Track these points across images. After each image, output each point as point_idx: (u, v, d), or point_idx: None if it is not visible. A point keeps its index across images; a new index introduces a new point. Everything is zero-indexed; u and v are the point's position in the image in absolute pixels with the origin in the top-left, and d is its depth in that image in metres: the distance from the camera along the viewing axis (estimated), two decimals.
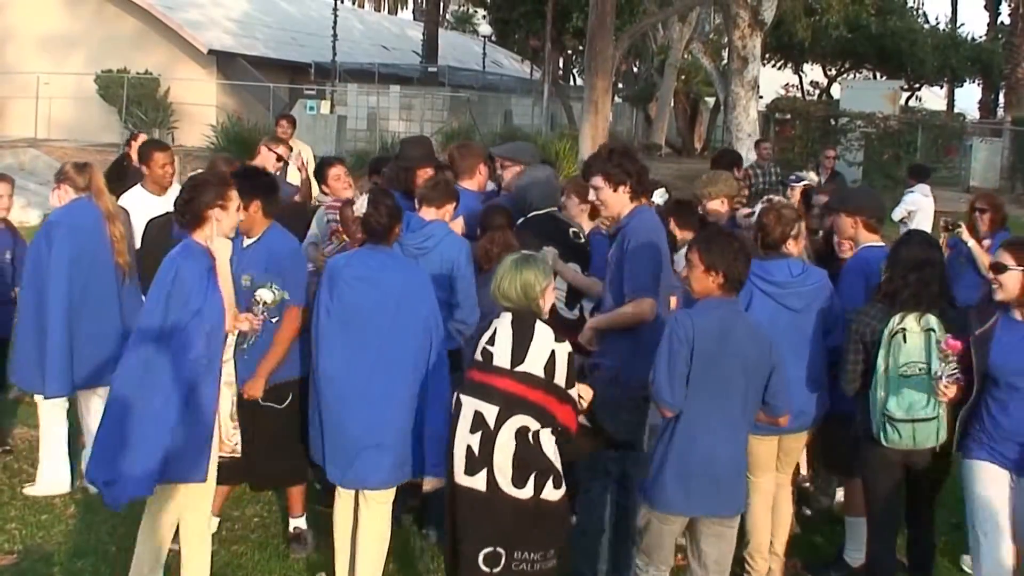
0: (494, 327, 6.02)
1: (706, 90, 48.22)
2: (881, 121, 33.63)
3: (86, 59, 40.06)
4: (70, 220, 8.36)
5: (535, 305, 6.00)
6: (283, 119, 14.65)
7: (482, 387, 5.95)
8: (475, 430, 5.91)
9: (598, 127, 20.17)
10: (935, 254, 6.88)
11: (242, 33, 45.03)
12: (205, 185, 6.53)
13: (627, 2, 34.13)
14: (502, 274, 6.02)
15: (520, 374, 5.89)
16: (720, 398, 5.99)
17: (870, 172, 31.90)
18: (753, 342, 6.07)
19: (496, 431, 5.86)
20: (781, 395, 6.18)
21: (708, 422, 5.98)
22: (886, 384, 6.57)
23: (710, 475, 6.00)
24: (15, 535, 7.89)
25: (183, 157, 30.74)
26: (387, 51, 53.76)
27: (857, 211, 7.83)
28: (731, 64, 25.93)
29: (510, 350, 5.91)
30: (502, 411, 5.87)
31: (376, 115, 38.84)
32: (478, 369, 6.01)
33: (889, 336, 6.55)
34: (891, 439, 6.57)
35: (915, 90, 53.79)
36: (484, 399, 5.92)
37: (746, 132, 24.51)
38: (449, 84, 44.01)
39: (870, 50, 47.89)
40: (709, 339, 5.95)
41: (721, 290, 6.07)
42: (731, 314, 6.11)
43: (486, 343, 6.00)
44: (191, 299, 6.23)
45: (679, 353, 5.92)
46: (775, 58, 50.65)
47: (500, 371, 5.92)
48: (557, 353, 5.93)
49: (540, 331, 5.96)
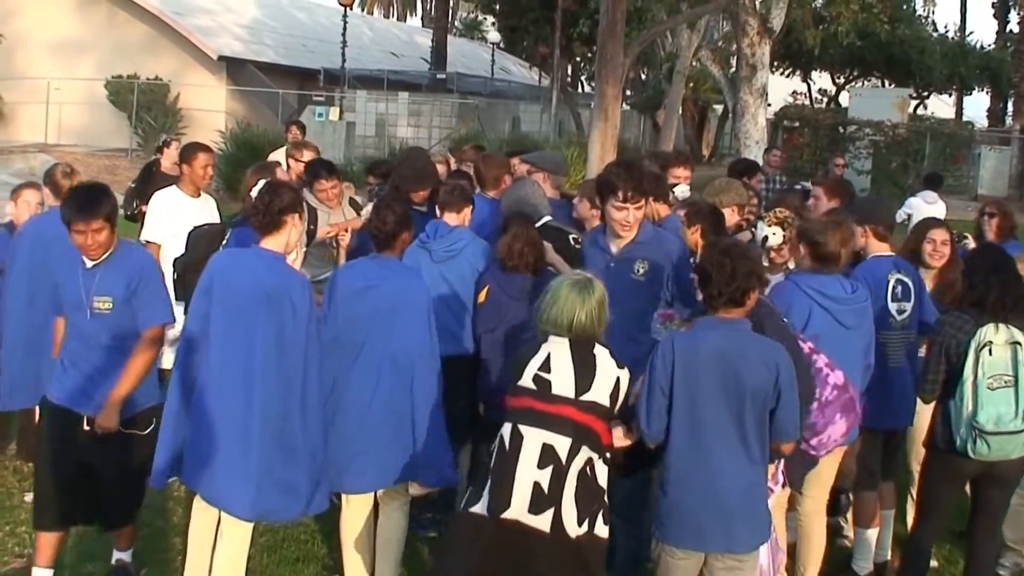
0: (546, 352, 5.61)
1: (714, 97, 48.24)
2: (889, 129, 33.67)
3: (96, 64, 40.18)
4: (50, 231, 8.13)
5: (601, 328, 5.63)
6: (294, 125, 14.68)
7: (548, 417, 5.51)
8: (544, 464, 5.46)
9: (607, 134, 20.09)
10: (1010, 261, 6.91)
11: (252, 39, 45.18)
12: (284, 189, 6.56)
13: (636, 10, 34.12)
14: (556, 300, 5.59)
15: (587, 403, 5.53)
16: (722, 425, 5.53)
17: (878, 180, 31.96)
18: (760, 364, 5.55)
19: (568, 465, 5.47)
20: (788, 421, 5.63)
21: (710, 451, 5.53)
22: (974, 396, 6.48)
23: (719, 508, 5.55)
24: (25, 539, 7.90)
25: None
26: (396, 58, 53.88)
27: (865, 220, 7.70)
28: (740, 72, 25.92)
29: (573, 378, 5.53)
30: (575, 443, 5.49)
31: (385, 121, 38.92)
32: (534, 397, 5.56)
33: (976, 349, 6.48)
34: (979, 451, 6.50)
35: (923, 98, 53.77)
36: (555, 430, 5.49)
37: (754, 140, 24.49)
38: (458, 91, 44.15)
39: (879, 58, 47.86)
40: (700, 363, 5.53)
41: (721, 309, 5.66)
42: (732, 334, 5.64)
43: (539, 369, 5.58)
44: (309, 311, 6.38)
45: (657, 381, 5.54)
46: (784, 66, 50.61)
47: (564, 400, 5.51)
48: (622, 380, 5.63)
49: (602, 357, 5.62)
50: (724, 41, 36.45)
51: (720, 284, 5.57)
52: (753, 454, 5.57)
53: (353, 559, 7.00)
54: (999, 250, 7.19)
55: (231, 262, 6.60)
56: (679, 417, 5.55)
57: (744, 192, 8.95)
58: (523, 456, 5.49)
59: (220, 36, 43.00)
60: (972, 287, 6.73)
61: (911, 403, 7.32)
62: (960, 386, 6.53)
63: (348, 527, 6.99)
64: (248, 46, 44.27)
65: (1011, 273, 6.77)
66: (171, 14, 41.31)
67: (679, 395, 5.52)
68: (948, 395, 6.67)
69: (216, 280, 6.37)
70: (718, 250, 5.72)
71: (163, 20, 41.05)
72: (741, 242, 6.47)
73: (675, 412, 5.55)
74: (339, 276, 6.99)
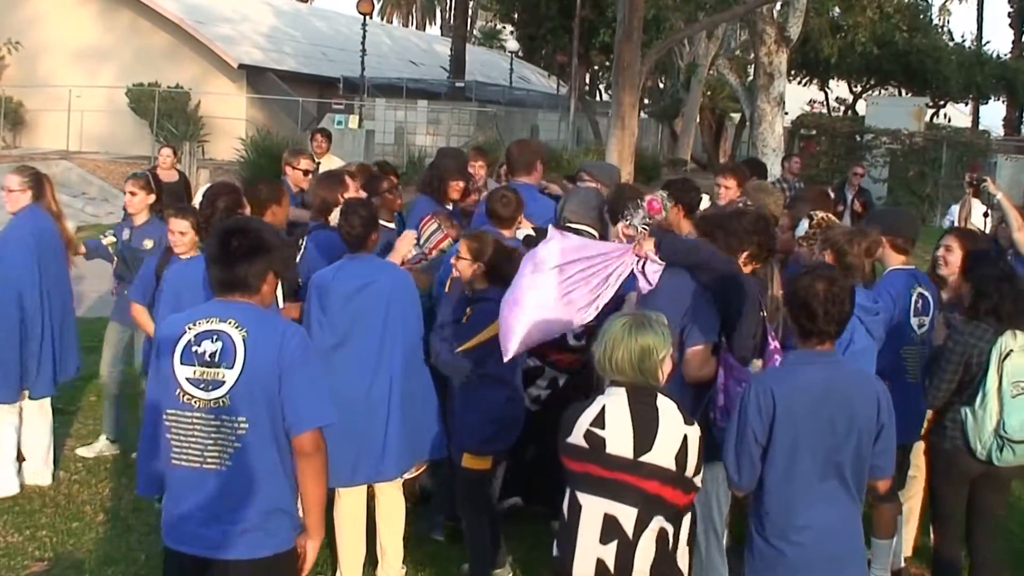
0: (600, 405, 4.84)
1: (732, 106, 48.22)
2: (906, 138, 33.65)
3: (118, 72, 40.35)
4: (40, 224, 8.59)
5: (652, 377, 4.87)
6: (318, 134, 14.73)
7: (606, 483, 4.76)
8: (608, 539, 4.73)
9: (624, 142, 20.18)
10: (1007, 266, 7.00)
11: (272, 48, 45.35)
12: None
13: (654, 18, 34.20)
14: (612, 341, 4.85)
15: (649, 467, 4.75)
16: (823, 467, 5.09)
17: (895, 189, 31.97)
18: (860, 399, 5.13)
19: (636, 539, 4.73)
20: (887, 455, 5.24)
21: (813, 495, 5.09)
22: (999, 405, 6.51)
23: (827, 555, 5.12)
24: (46, 543, 7.98)
25: (213, 170, 31.07)
26: (415, 66, 53.99)
27: (887, 231, 7.59)
28: (757, 80, 26.02)
29: (631, 436, 4.75)
30: (642, 514, 4.74)
31: (404, 130, 39.01)
32: (587, 459, 4.81)
33: (1000, 358, 6.49)
34: (1005, 459, 6.55)
35: (940, 107, 53.73)
36: (616, 499, 4.75)
37: (771, 148, 24.59)
38: (476, 99, 44.25)
39: (896, 67, 47.82)
40: (800, 405, 5.05)
41: (813, 341, 5.20)
42: (829, 368, 5.19)
43: (591, 424, 4.81)
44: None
45: (750, 427, 5.05)
46: (801, 74, 50.63)
47: (621, 463, 4.75)
48: (689, 439, 4.83)
49: (666, 411, 4.84)
50: (741, 50, 36.42)
51: (828, 321, 5.12)
52: (852, 493, 5.19)
53: (348, 552, 7.18)
54: (995, 258, 7.28)
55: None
56: (776, 462, 5.09)
57: (781, 200, 8.95)
58: (583, 528, 4.79)
59: (240, 44, 43.15)
60: (985, 296, 6.68)
61: (923, 417, 7.23)
62: (984, 395, 6.55)
63: (344, 519, 7.14)
64: (268, 54, 44.45)
65: (1017, 280, 6.82)
66: (192, 23, 41.47)
67: (779, 440, 5.04)
68: (960, 403, 6.68)
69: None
70: (823, 279, 5.17)
71: (184, 29, 41.21)
72: (832, 266, 6.33)
73: (773, 458, 5.08)
74: (330, 280, 6.94)
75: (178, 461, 4.84)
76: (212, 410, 4.74)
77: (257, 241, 4.96)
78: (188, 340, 4.81)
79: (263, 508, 4.79)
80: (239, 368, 4.73)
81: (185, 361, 4.79)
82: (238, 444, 4.75)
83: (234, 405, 4.73)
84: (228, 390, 4.73)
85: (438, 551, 7.89)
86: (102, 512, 8.57)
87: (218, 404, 4.73)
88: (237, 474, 4.75)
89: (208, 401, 4.75)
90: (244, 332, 4.78)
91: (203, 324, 4.83)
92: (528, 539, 7.89)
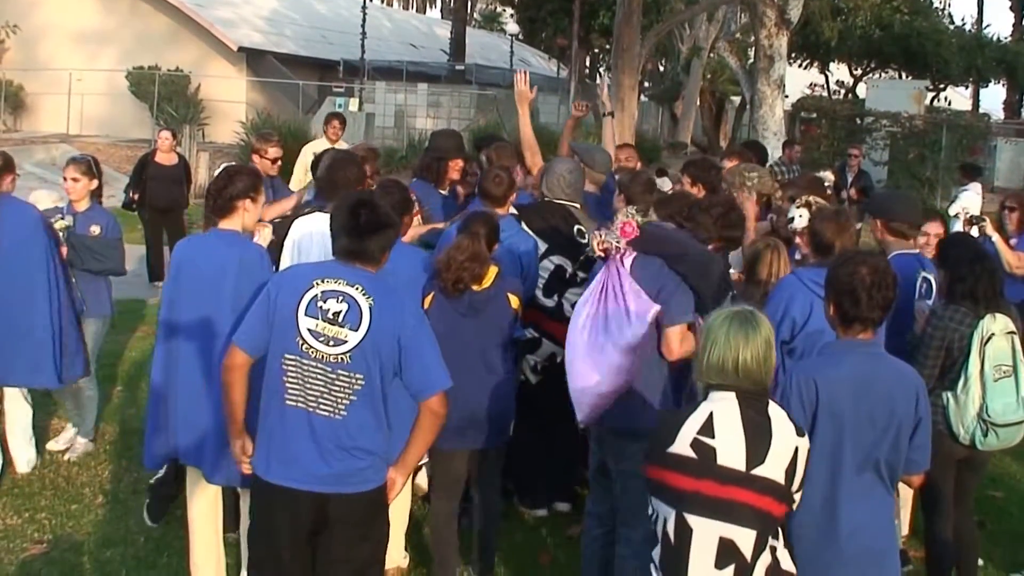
0: (706, 411, 4.41)
1: (732, 89, 48.16)
2: (906, 121, 33.63)
3: (118, 56, 40.36)
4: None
5: (763, 381, 4.47)
6: (335, 119, 14.33)
7: (720, 504, 4.32)
8: (724, 564, 4.33)
9: (624, 123, 20.22)
10: (982, 248, 6.97)
11: (272, 31, 45.31)
12: (242, 175, 6.70)
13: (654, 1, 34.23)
14: (715, 341, 4.45)
15: (762, 482, 4.34)
16: (862, 460, 4.94)
17: (895, 172, 31.95)
18: (901, 393, 4.97)
19: (754, 562, 4.35)
20: (923, 450, 5.09)
21: (851, 489, 4.93)
22: (982, 389, 6.51)
23: (866, 549, 4.97)
24: (45, 525, 7.99)
25: (213, 153, 31.05)
26: (415, 49, 53.96)
27: (879, 214, 7.67)
28: (757, 63, 25.99)
29: (743, 446, 4.34)
30: (760, 536, 4.36)
31: (404, 113, 38.95)
32: (698, 475, 4.35)
33: (981, 341, 6.49)
34: (988, 443, 6.58)
35: (940, 90, 53.68)
36: (733, 521, 4.32)
37: (772, 131, 24.56)
38: (476, 82, 44.18)
39: (896, 50, 47.73)
40: (842, 397, 4.87)
41: (856, 328, 5.05)
42: (871, 360, 5.05)
43: (699, 432, 4.37)
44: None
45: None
46: (801, 57, 50.56)
47: (733, 476, 4.32)
48: (800, 452, 4.46)
49: (778, 419, 4.45)
50: (742, 32, 36.38)
51: (872, 306, 4.98)
52: (887, 486, 5.04)
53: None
54: (971, 239, 7.25)
55: (192, 246, 6.84)
56: (817, 456, 4.75)
57: (770, 182, 8.94)
58: (695, 554, 4.35)
59: (240, 27, 43.13)
60: (960, 279, 6.67)
61: None
62: (966, 380, 6.55)
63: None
64: (268, 37, 44.41)
65: (991, 261, 6.82)
66: (192, 5, 41.47)
67: (821, 433, 4.80)
68: (942, 387, 6.68)
69: (182, 265, 6.64)
70: (866, 267, 5.02)
71: (184, 12, 41.22)
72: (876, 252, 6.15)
73: (814, 452, 4.69)
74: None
75: (293, 402, 5.26)
76: (332, 364, 5.18)
77: (384, 216, 5.41)
78: (315, 295, 5.24)
79: (369, 453, 5.28)
80: (363, 332, 5.16)
81: (310, 313, 5.22)
82: (354, 397, 5.21)
83: (355, 363, 5.17)
84: (350, 349, 5.17)
85: None
86: (101, 494, 8.58)
87: (338, 360, 5.18)
88: (350, 422, 5.22)
89: (328, 355, 5.18)
90: (371, 301, 5.21)
91: (331, 283, 5.26)
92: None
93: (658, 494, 4.47)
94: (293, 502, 5.27)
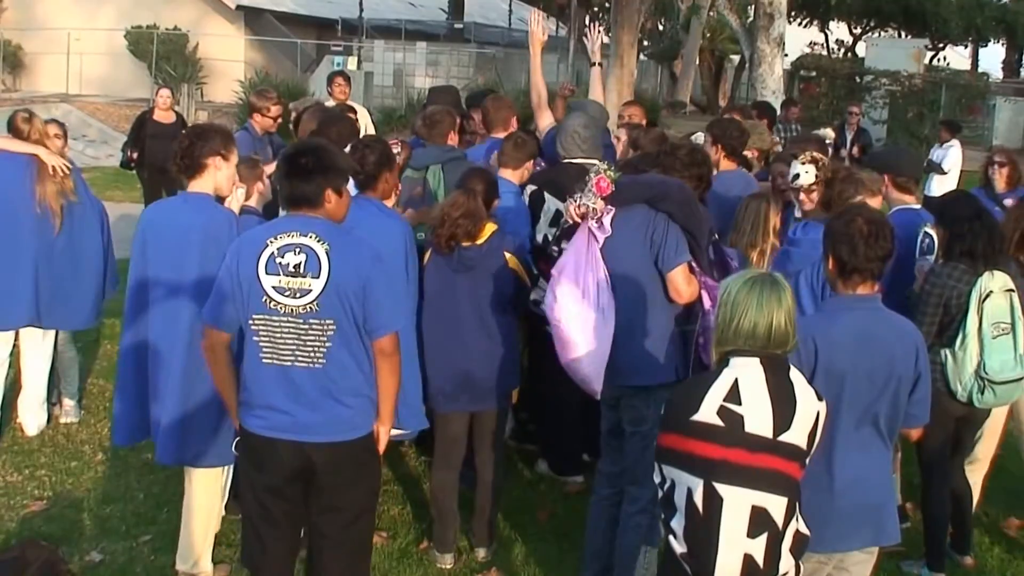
0: (731, 377, 4.26)
1: (731, 47, 48.07)
2: (906, 79, 33.62)
3: (116, 15, 40.07)
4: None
5: (785, 345, 4.35)
6: (339, 76, 14.12)
7: (751, 472, 4.19)
8: (757, 533, 4.19)
9: (623, 81, 20.22)
10: (982, 205, 6.92)
11: None
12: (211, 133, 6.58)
13: None
14: (742, 306, 4.30)
15: (788, 448, 4.24)
16: (861, 415, 4.92)
17: (895, 130, 31.97)
18: (900, 349, 4.96)
19: (785, 529, 4.25)
20: (923, 404, 5.11)
21: (849, 446, 4.90)
22: (980, 346, 6.51)
23: (863, 503, 4.98)
24: (45, 482, 8.05)
25: (212, 112, 31.00)
26: (414, 8, 53.66)
27: (885, 169, 7.63)
28: (757, 21, 25.97)
29: (770, 413, 4.21)
30: (791, 502, 4.26)
31: (402, 71, 38.78)
32: (726, 443, 4.20)
33: (980, 299, 6.48)
34: (986, 400, 6.60)
35: (939, 49, 53.56)
36: (765, 488, 4.20)
37: (771, 89, 24.56)
38: (475, 41, 44.12)
39: (895, 9, 47.67)
40: (841, 355, 4.85)
41: (855, 280, 5.02)
42: (870, 316, 5.02)
43: (724, 400, 4.22)
44: None
45: None
46: (801, 16, 50.47)
47: (761, 443, 4.20)
48: (821, 416, 4.39)
49: (800, 385, 4.34)
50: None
51: (869, 256, 4.95)
52: (885, 440, 5.02)
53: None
54: (972, 196, 7.18)
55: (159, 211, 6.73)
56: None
57: (768, 138, 8.87)
58: (726, 523, 4.19)
59: None
60: (959, 237, 6.65)
61: None
62: (964, 337, 6.55)
63: None
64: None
65: (990, 218, 6.80)
66: None
67: (820, 390, 4.52)
68: (940, 344, 6.66)
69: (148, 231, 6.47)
70: (863, 218, 5.03)
71: None
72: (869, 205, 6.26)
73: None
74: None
75: (269, 360, 5.25)
76: (302, 315, 5.16)
77: (323, 158, 5.35)
78: (272, 252, 5.20)
79: (353, 395, 5.31)
80: (325, 277, 5.14)
81: (271, 271, 5.19)
82: (328, 344, 5.20)
83: (323, 310, 5.15)
84: (316, 297, 5.14)
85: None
86: (100, 451, 8.63)
87: (307, 310, 5.15)
88: (330, 369, 5.23)
89: (296, 308, 5.15)
90: (326, 246, 5.18)
91: (284, 238, 5.22)
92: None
93: (679, 463, 4.28)
94: (275, 452, 5.30)
